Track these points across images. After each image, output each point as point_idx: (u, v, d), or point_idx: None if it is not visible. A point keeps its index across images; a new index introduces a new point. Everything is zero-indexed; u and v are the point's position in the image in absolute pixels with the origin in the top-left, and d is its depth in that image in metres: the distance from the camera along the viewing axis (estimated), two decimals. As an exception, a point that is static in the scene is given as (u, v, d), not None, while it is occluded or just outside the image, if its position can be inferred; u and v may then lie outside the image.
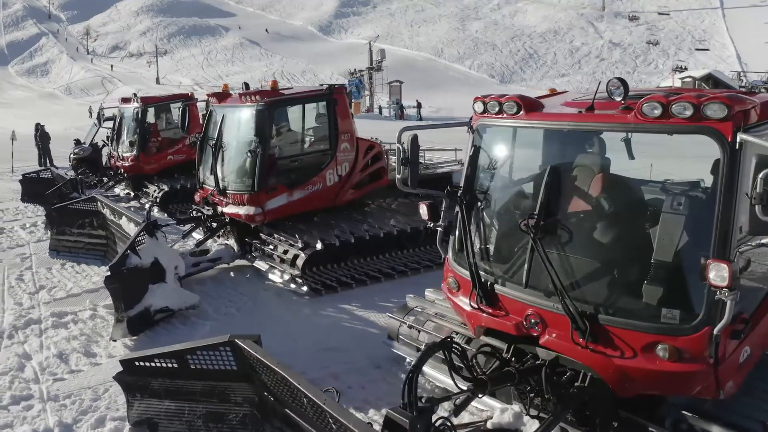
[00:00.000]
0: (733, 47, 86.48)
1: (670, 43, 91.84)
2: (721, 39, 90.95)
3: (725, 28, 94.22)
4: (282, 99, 9.71)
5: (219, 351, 4.62)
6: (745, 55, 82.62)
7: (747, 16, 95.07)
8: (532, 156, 5.50)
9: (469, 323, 5.31)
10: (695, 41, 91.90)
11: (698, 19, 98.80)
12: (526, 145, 5.52)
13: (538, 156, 5.44)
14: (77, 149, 20.16)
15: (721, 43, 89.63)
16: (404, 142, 5.37)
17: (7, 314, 8.83)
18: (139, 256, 7.61)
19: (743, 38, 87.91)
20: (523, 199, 5.36)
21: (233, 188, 9.66)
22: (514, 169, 5.56)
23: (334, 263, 9.40)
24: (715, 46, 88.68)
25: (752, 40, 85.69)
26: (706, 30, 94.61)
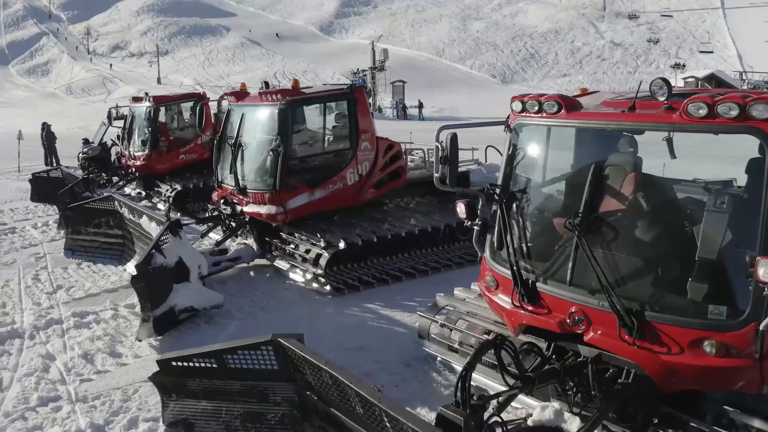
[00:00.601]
0: (735, 47, 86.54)
1: (671, 43, 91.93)
2: (722, 39, 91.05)
3: (726, 28, 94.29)
4: (304, 98, 9.67)
5: (261, 350, 4.58)
6: (746, 54, 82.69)
7: (747, 15, 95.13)
8: (571, 155, 5.54)
9: (508, 321, 5.29)
10: (695, 41, 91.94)
11: (699, 19, 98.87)
12: (564, 144, 5.57)
13: (577, 155, 5.50)
14: (86, 148, 20.08)
15: (722, 43, 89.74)
16: (443, 140, 5.35)
17: (27, 314, 8.77)
18: (164, 256, 7.55)
19: (744, 38, 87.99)
20: (564, 198, 5.39)
21: (254, 187, 9.60)
22: (553, 168, 5.58)
23: (354, 262, 9.37)
24: (716, 46, 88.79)
25: (753, 39, 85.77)
26: (708, 30, 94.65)
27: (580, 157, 5.46)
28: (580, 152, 5.49)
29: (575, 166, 5.49)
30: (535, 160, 5.51)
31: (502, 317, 5.47)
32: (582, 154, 5.45)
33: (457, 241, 10.54)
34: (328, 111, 10.18)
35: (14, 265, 11.41)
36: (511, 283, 5.10)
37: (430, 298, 8.46)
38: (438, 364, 6.55)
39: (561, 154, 5.58)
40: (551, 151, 5.53)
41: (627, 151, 5.20)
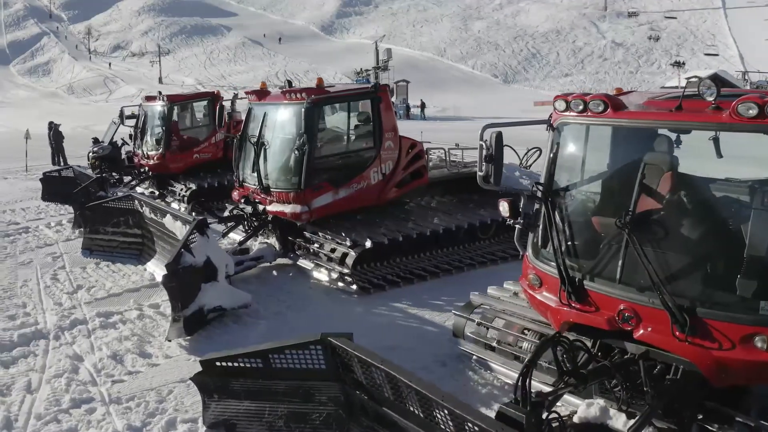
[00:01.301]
0: (736, 47, 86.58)
1: (673, 42, 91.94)
2: (723, 39, 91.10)
3: (727, 27, 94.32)
4: (329, 96, 9.61)
5: (309, 350, 4.53)
6: (747, 54, 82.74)
7: (748, 15, 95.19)
8: (614, 153, 5.55)
9: (552, 319, 5.29)
10: (696, 40, 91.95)
11: (700, 19, 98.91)
12: (608, 143, 5.55)
13: (620, 154, 5.51)
14: (96, 148, 20.00)
15: (724, 43, 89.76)
16: (487, 139, 5.36)
17: (49, 315, 8.69)
18: (192, 255, 7.48)
19: (745, 38, 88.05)
20: (610, 196, 5.39)
21: (278, 186, 9.53)
22: (596, 167, 5.57)
23: (378, 262, 9.32)
24: (717, 46, 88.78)
25: (754, 39, 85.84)
26: (709, 30, 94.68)
27: (623, 156, 5.48)
28: (623, 151, 5.50)
29: (619, 164, 5.49)
30: (578, 159, 5.52)
31: (545, 315, 5.46)
32: (625, 153, 5.47)
33: (478, 240, 10.53)
34: (352, 110, 10.12)
35: (31, 265, 11.33)
36: (556, 281, 5.12)
37: (457, 297, 8.49)
38: (473, 362, 6.51)
39: (603, 152, 5.56)
40: (594, 150, 5.52)
41: (665, 150, 5.25)
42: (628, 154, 5.42)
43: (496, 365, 6.16)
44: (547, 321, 5.53)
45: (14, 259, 11.84)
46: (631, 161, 5.23)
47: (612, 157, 5.56)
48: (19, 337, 7.85)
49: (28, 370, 7.01)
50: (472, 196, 11.56)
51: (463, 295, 8.54)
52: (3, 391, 6.55)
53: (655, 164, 5.13)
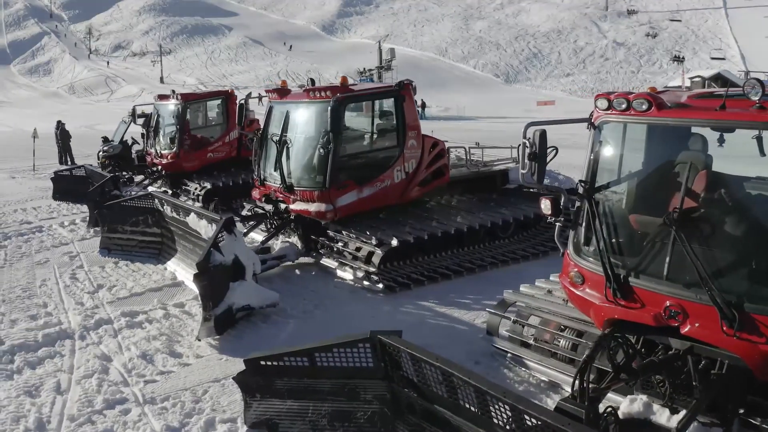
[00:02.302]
0: (737, 47, 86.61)
1: (674, 42, 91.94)
2: (725, 39, 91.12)
3: (729, 27, 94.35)
4: (353, 95, 9.56)
5: (357, 348, 4.51)
6: (748, 54, 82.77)
7: (749, 15, 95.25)
8: (656, 152, 5.61)
9: (595, 316, 5.33)
10: (698, 40, 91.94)
11: (702, 18, 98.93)
12: (651, 141, 5.62)
13: (662, 152, 5.58)
14: (106, 146, 19.99)
15: (726, 42, 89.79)
16: (530, 137, 5.35)
17: (72, 314, 8.61)
18: (222, 253, 7.42)
19: (746, 37, 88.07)
20: (653, 194, 5.47)
21: (302, 185, 9.48)
22: (639, 165, 5.63)
23: (402, 260, 9.28)
24: (718, 46, 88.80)
25: (755, 38, 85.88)
26: (710, 29, 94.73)
27: (665, 154, 5.53)
28: (665, 149, 5.56)
29: (661, 162, 5.54)
30: (620, 157, 5.55)
31: (586, 312, 5.50)
32: (667, 151, 5.53)
33: (498, 239, 10.50)
34: (376, 108, 10.08)
35: (48, 265, 11.26)
36: (599, 278, 5.18)
37: (483, 296, 8.53)
38: (508, 360, 6.50)
39: (649, 149, 5.60)
40: (636, 148, 5.58)
41: (701, 149, 5.31)
42: (669, 152, 5.47)
43: (532, 362, 6.19)
44: (588, 318, 5.56)
45: (30, 259, 11.77)
46: (674, 159, 5.31)
47: (653, 156, 5.62)
48: (44, 337, 7.78)
49: (56, 370, 6.93)
50: (492, 195, 11.55)
51: (489, 293, 8.58)
52: (32, 392, 6.47)
53: (693, 162, 5.16)
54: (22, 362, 7.14)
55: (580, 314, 5.77)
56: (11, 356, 7.31)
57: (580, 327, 5.83)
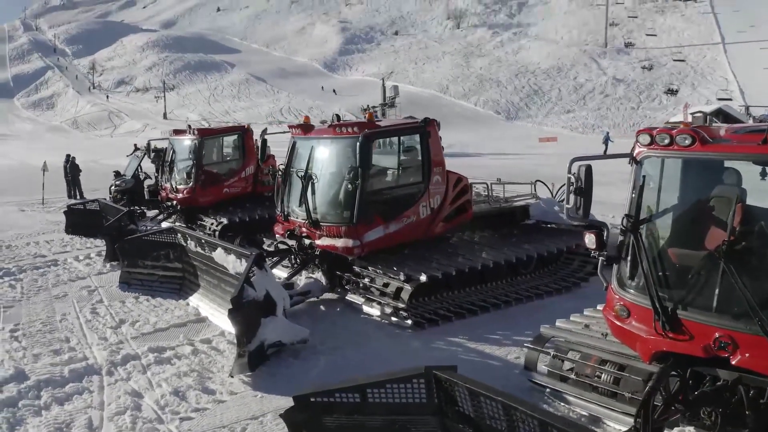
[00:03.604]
0: (736, 82, 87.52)
1: (673, 78, 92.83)
2: (723, 74, 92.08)
3: (727, 63, 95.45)
4: (380, 131, 9.63)
5: (411, 383, 4.44)
6: (747, 88, 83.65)
7: (746, 49, 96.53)
8: (699, 186, 5.70)
9: (642, 349, 5.38)
10: (697, 75, 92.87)
11: (700, 54, 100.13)
12: (695, 175, 5.69)
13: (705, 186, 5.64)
14: (118, 181, 20.04)
15: (724, 77, 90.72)
16: (575, 172, 5.49)
17: (96, 349, 8.54)
18: (254, 289, 7.39)
19: (745, 71, 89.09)
20: (696, 227, 5.55)
21: (329, 220, 9.49)
22: (682, 198, 5.72)
23: (427, 296, 9.25)
24: (717, 81, 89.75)
25: (753, 72, 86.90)
26: (709, 65, 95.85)
27: (707, 188, 5.59)
28: (708, 183, 5.61)
29: (704, 196, 5.60)
30: (663, 191, 5.63)
31: (631, 345, 5.55)
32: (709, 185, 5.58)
33: (520, 275, 10.49)
34: (402, 144, 10.13)
35: (66, 299, 11.19)
36: (645, 311, 5.27)
37: (513, 331, 8.56)
38: (547, 395, 6.46)
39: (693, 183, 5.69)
40: (678, 182, 5.67)
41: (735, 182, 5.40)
42: (707, 186, 5.57)
43: (573, 397, 6.18)
44: (631, 351, 5.63)
45: (48, 293, 11.72)
46: (710, 194, 5.45)
47: (692, 190, 5.73)
48: (70, 372, 7.70)
49: (86, 407, 6.86)
50: (513, 230, 11.57)
51: (517, 329, 8.58)
52: (63, 429, 6.41)
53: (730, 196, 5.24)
54: (49, 398, 7.06)
55: (620, 348, 5.81)
56: (38, 392, 7.24)
57: (622, 360, 5.84)
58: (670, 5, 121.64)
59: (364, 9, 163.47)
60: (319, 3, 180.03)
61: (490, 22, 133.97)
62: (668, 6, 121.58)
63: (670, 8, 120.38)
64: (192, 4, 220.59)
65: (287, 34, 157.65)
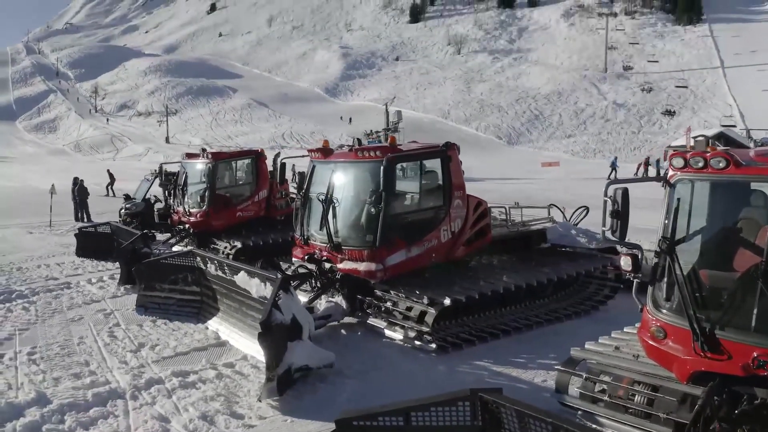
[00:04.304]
0: (736, 105, 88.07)
1: (674, 102, 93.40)
2: (723, 98, 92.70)
3: (727, 86, 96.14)
4: (403, 155, 9.69)
5: (456, 406, 4.43)
6: (747, 111, 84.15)
7: (745, 73, 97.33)
8: (733, 207, 5.79)
9: (679, 369, 5.45)
10: (697, 99, 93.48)
11: (699, 78, 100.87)
12: (729, 197, 5.78)
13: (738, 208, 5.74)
14: (129, 204, 20.07)
15: (723, 101, 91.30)
16: (611, 195, 5.57)
17: (117, 373, 8.48)
18: (281, 312, 7.37)
19: (744, 95, 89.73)
20: (727, 248, 5.64)
21: (351, 244, 9.50)
22: (716, 220, 5.83)
23: (449, 320, 9.26)
24: (717, 105, 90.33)
25: (753, 95, 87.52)
26: (709, 89, 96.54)
27: (740, 210, 5.70)
28: (741, 205, 5.71)
29: (738, 218, 5.70)
30: (697, 213, 5.73)
31: (667, 366, 5.62)
32: (742, 207, 5.69)
33: (538, 299, 10.50)
34: (423, 168, 10.19)
35: (82, 322, 11.13)
36: (682, 332, 5.37)
37: (537, 354, 8.63)
38: (579, 417, 6.40)
39: (727, 205, 5.79)
40: (711, 204, 5.74)
41: (763, 204, 5.55)
42: (735, 209, 5.70)
43: (606, 419, 6.17)
44: (666, 372, 5.69)
45: (63, 315, 11.66)
46: (745, 215, 5.57)
47: (729, 211, 5.80)
48: (94, 396, 7.64)
49: (112, 431, 6.81)
50: (530, 254, 11.59)
51: (541, 352, 8.61)
52: (90, 454, 6.35)
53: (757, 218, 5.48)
54: (73, 422, 7.01)
55: (652, 369, 5.88)
56: (61, 416, 7.18)
57: (655, 381, 5.88)
58: (670, 30, 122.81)
59: (365, 35, 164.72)
60: (320, 29, 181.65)
61: (490, 48, 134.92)
62: (667, 30, 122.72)
63: (670, 33, 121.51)
64: (194, 29, 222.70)
65: (289, 59, 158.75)
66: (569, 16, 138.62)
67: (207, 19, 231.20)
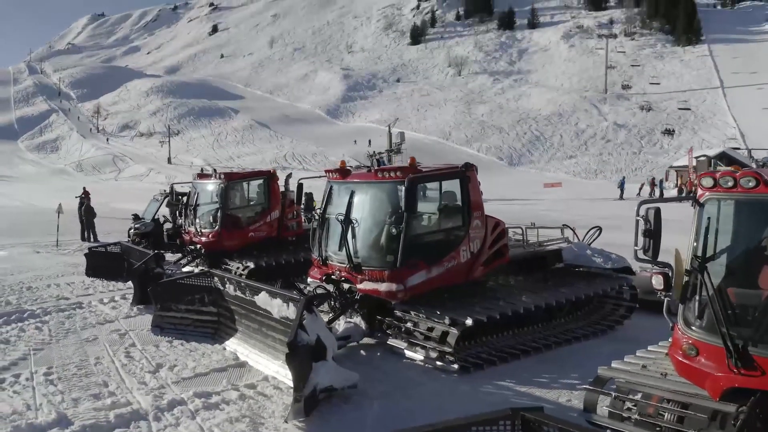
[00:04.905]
0: (736, 125, 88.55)
1: (674, 123, 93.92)
2: (723, 117, 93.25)
3: (727, 106, 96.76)
4: (424, 175, 9.72)
5: (498, 425, 4.44)
6: (747, 130, 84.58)
7: (745, 93, 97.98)
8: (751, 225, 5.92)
9: (712, 386, 5.48)
10: (697, 120, 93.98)
11: (700, 98, 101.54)
12: (758, 216, 5.85)
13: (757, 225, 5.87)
14: (137, 224, 20.08)
15: (724, 121, 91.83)
16: (643, 214, 5.64)
17: (138, 394, 8.41)
18: (307, 333, 7.36)
19: (744, 114, 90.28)
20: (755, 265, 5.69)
21: (371, 264, 9.50)
22: (746, 238, 5.92)
23: (468, 340, 9.24)
24: (717, 125, 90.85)
25: (752, 114, 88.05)
26: (709, 109, 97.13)
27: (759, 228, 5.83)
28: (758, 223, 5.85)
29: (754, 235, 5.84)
30: (727, 232, 5.82)
31: (701, 383, 5.64)
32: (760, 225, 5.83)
33: (554, 319, 10.51)
34: (443, 188, 10.23)
35: (97, 342, 11.07)
36: (714, 349, 5.43)
37: (558, 374, 8.64)
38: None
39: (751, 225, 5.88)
40: (741, 223, 5.86)
41: None
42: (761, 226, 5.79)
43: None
44: (697, 390, 5.70)
45: (77, 335, 11.59)
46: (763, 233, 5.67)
47: (759, 230, 5.85)
48: (116, 417, 7.56)
49: (138, 454, 6.78)
50: (546, 274, 11.60)
51: (563, 372, 8.64)
52: (116, 476, 6.30)
53: None
54: (97, 444, 6.97)
55: (682, 387, 5.90)
56: (84, 437, 7.14)
57: (685, 399, 5.88)
58: (669, 51, 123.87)
59: (366, 56, 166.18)
60: (321, 50, 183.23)
61: (490, 70, 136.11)
62: (667, 51, 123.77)
63: (669, 54, 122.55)
64: (196, 50, 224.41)
65: (290, 80, 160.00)
66: (569, 38, 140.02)
67: (209, 41, 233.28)
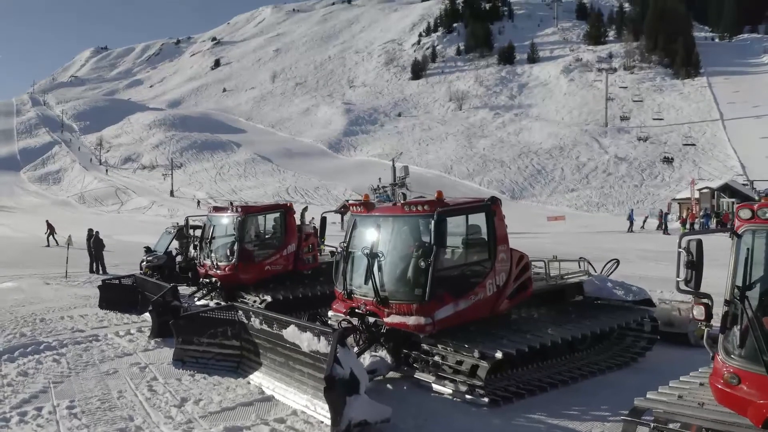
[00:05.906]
0: (737, 157, 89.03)
1: (675, 155, 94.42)
2: (723, 149, 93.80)
3: (727, 138, 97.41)
4: (451, 209, 9.80)
5: None
6: (747, 162, 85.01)
7: (745, 124, 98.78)
8: None
9: (755, 414, 5.55)
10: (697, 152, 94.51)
11: (700, 131, 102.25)
12: None
13: None
14: (150, 257, 20.11)
15: (724, 153, 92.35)
16: (685, 246, 5.80)
17: (165, 429, 8.38)
18: (342, 366, 7.36)
19: (744, 146, 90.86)
20: None
21: (399, 298, 9.52)
22: None
23: (495, 373, 9.23)
24: (718, 156, 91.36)
25: (752, 146, 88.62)
26: (709, 141, 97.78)
27: None
28: None
29: None
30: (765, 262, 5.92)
31: (743, 411, 5.70)
32: None
33: (577, 351, 10.53)
34: (469, 222, 10.31)
35: (117, 376, 11.01)
36: (757, 378, 5.52)
37: (588, 407, 8.66)
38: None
39: None
40: None
41: None
42: None
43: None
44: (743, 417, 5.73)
45: (96, 369, 11.53)
46: None
47: None
48: (146, 452, 7.58)
49: (172, 489, 6.72)
50: (568, 307, 11.65)
51: (592, 404, 8.72)
52: None
53: None
54: (129, 480, 6.93)
55: (720, 416, 5.96)
56: (115, 473, 7.09)
57: (724, 428, 5.94)
58: (669, 84, 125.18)
59: (367, 91, 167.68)
60: (323, 85, 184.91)
61: (491, 104, 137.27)
62: (666, 85, 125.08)
63: (669, 87, 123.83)
64: (198, 84, 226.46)
65: (292, 115, 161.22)
66: (569, 72, 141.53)
67: (211, 75, 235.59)
